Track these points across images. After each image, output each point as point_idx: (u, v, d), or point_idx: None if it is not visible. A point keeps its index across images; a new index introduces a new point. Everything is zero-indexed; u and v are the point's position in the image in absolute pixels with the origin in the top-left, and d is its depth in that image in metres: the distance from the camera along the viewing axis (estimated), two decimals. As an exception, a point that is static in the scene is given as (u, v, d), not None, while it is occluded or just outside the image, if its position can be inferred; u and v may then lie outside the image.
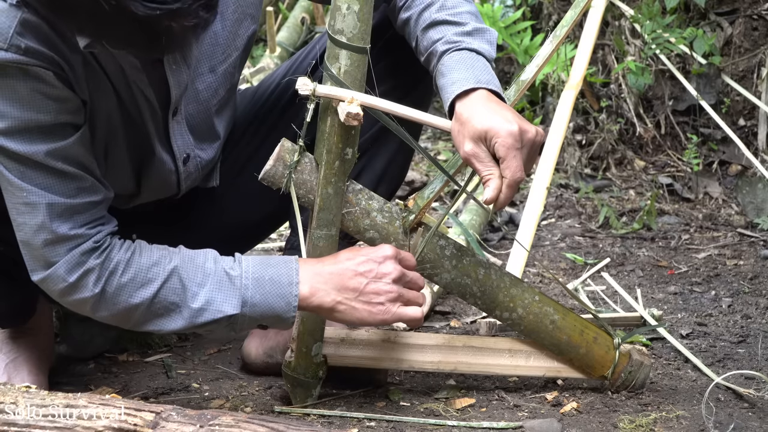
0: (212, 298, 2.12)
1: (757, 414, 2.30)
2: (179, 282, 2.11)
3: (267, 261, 2.17)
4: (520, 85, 2.20)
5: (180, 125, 2.27)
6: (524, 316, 2.30)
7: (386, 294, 2.16)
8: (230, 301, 2.12)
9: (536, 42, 4.26)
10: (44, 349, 2.50)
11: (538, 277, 3.27)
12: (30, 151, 2.01)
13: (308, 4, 4.84)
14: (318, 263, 2.17)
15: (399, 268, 2.17)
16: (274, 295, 2.14)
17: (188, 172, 2.35)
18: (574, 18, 2.19)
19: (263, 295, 2.13)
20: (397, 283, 2.17)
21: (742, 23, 3.98)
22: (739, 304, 3.04)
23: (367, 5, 2.10)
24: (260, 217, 2.57)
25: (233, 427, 1.85)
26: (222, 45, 2.26)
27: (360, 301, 2.16)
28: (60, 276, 2.08)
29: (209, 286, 2.12)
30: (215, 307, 2.12)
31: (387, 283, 2.16)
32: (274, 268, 2.15)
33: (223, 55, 2.27)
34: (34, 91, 1.98)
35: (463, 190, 2.21)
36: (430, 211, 2.29)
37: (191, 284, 2.12)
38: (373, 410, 2.31)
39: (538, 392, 2.40)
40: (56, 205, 2.05)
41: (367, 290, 2.15)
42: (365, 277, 2.16)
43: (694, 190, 3.89)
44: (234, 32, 2.28)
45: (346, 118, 2.08)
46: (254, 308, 2.13)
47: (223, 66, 2.28)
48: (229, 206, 2.52)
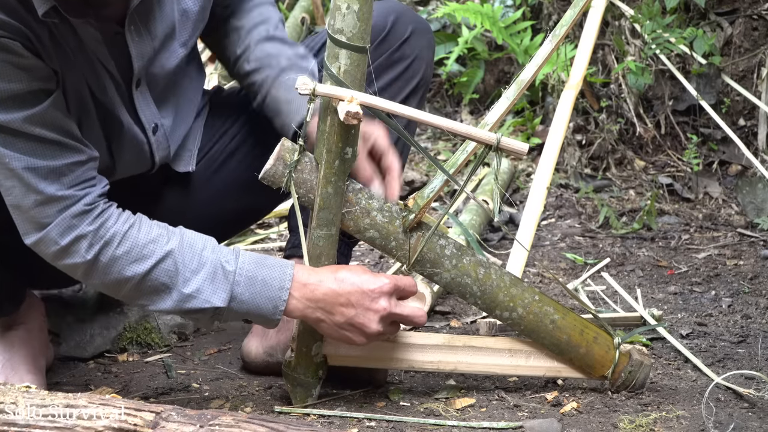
0: (203, 287, 2.14)
1: (757, 414, 2.30)
2: (173, 264, 2.14)
3: (264, 261, 2.18)
4: (520, 85, 2.20)
5: (144, 96, 2.30)
6: (524, 315, 2.30)
7: (369, 330, 2.19)
8: (220, 294, 2.15)
9: (536, 42, 4.25)
10: (39, 347, 2.49)
11: (538, 277, 3.27)
12: (6, 119, 2.04)
13: (308, 3, 4.83)
14: (314, 275, 2.18)
15: (390, 306, 2.19)
16: (262, 297, 2.16)
17: (158, 142, 2.37)
18: (574, 17, 2.19)
19: (252, 294, 2.16)
20: (384, 321, 2.20)
21: (742, 23, 3.98)
22: (739, 304, 3.04)
23: (367, 4, 2.10)
24: (236, 211, 2.59)
25: (233, 427, 1.85)
26: (192, 20, 2.31)
27: (343, 327, 2.19)
28: (52, 239, 2.11)
29: (202, 275, 2.14)
30: (204, 297, 2.15)
31: (374, 320, 2.18)
32: (268, 270, 2.17)
33: (193, 30, 2.32)
34: (4, 62, 2.02)
35: (463, 190, 2.21)
36: (430, 211, 2.29)
37: (185, 269, 2.14)
38: (373, 410, 2.31)
39: (538, 392, 2.40)
40: (40, 169, 2.08)
41: (353, 322, 2.18)
42: (355, 309, 2.18)
43: (694, 190, 3.89)
44: (204, 7, 2.33)
45: (346, 118, 2.08)
46: (241, 305, 2.16)
47: (192, 40, 2.34)
48: (205, 198, 2.55)
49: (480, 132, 2.17)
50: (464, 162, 2.21)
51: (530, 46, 4.25)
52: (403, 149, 2.48)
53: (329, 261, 2.24)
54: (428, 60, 2.48)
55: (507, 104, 2.20)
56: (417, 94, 2.46)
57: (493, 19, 4.22)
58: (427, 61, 2.48)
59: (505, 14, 4.34)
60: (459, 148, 2.23)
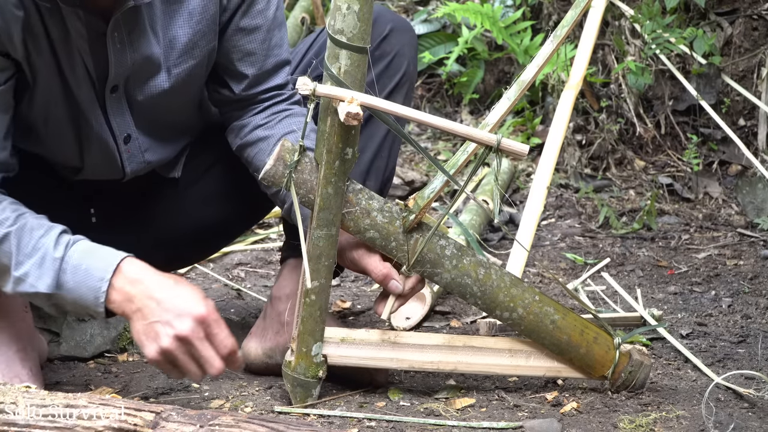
0: (30, 272, 2.16)
1: (757, 414, 2.30)
2: (10, 247, 2.16)
3: (94, 251, 2.19)
4: (521, 85, 2.20)
5: (120, 103, 2.32)
6: (524, 316, 2.30)
7: (160, 342, 2.13)
8: (45, 280, 2.16)
9: (536, 42, 4.26)
10: (28, 340, 2.47)
11: (538, 277, 3.27)
12: None
13: (308, 3, 4.84)
14: (142, 272, 2.17)
15: (192, 333, 2.13)
16: (84, 286, 2.16)
17: (131, 154, 2.39)
18: (575, 18, 2.19)
19: (76, 282, 2.16)
20: (180, 344, 2.13)
21: (742, 23, 3.98)
22: (739, 304, 3.04)
23: (367, 5, 2.10)
24: (227, 218, 2.61)
25: (233, 427, 1.85)
26: (178, 50, 2.32)
27: (140, 331, 2.15)
28: None
29: (33, 260, 2.16)
30: (30, 281, 2.17)
31: (167, 335, 2.13)
32: (94, 260, 2.17)
33: (178, 59, 2.33)
34: None
35: (463, 190, 2.21)
36: (430, 211, 2.29)
37: (19, 253, 2.17)
38: (373, 410, 2.31)
39: (538, 392, 2.40)
40: None
41: (151, 328, 2.14)
42: (158, 317, 2.14)
43: (694, 190, 3.89)
44: (194, 42, 2.33)
45: (346, 118, 2.08)
46: (68, 292, 2.16)
47: (177, 70, 2.33)
48: (194, 203, 2.57)
49: (480, 133, 2.17)
50: (464, 162, 2.21)
51: (530, 46, 4.25)
52: (393, 145, 2.50)
53: (329, 261, 2.24)
54: (410, 57, 2.50)
55: (508, 105, 2.20)
56: (401, 90, 2.48)
57: (493, 19, 4.23)
58: (409, 58, 2.49)
59: (505, 14, 4.35)
60: (459, 149, 2.23)
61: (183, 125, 2.51)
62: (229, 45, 2.38)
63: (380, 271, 2.28)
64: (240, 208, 2.61)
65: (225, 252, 3.47)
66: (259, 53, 2.39)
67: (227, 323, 2.31)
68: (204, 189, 2.57)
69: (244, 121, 2.45)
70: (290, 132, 2.39)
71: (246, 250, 3.52)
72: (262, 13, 2.37)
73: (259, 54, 2.39)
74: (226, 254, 3.47)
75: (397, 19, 2.52)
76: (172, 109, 2.41)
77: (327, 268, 2.25)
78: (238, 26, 2.36)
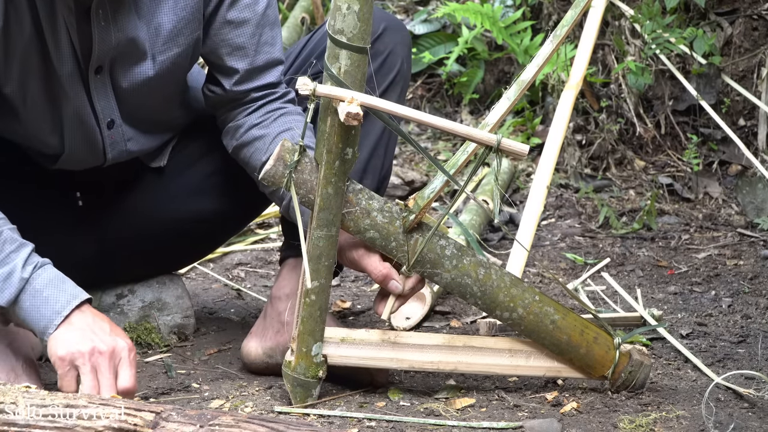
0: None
1: (757, 414, 2.30)
2: None
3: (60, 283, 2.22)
4: (521, 85, 2.20)
5: (104, 86, 2.34)
6: (524, 316, 2.30)
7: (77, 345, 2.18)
8: (5, 295, 2.19)
9: (536, 42, 4.26)
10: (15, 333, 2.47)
11: (538, 277, 3.27)
12: None
13: (308, 3, 4.84)
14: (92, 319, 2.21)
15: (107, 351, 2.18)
16: (38, 313, 2.20)
17: (114, 141, 2.41)
18: (575, 18, 2.19)
19: (33, 305, 2.20)
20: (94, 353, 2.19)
21: (742, 23, 3.98)
22: (739, 304, 3.04)
23: (367, 5, 2.10)
24: (218, 210, 2.61)
25: (233, 427, 1.85)
26: (163, 36, 2.33)
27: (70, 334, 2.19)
28: None
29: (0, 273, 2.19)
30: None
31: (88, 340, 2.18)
32: (57, 292, 2.21)
33: (163, 47, 2.34)
34: None
35: (463, 190, 2.21)
36: (430, 211, 2.29)
37: None
38: (373, 410, 2.31)
39: (538, 392, 2.40)
40: None
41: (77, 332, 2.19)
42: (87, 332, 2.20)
43: (694, 190, 3.89)
44: (178, 29, 2.34)
45: (346, 118, 2.08)
46: (22, 311, 2.20)
47: (162, 57, 2.35)
48: (177, 195, 2.58)
49: (480, 133, 2.17)
50: (464, 162, 2.21)
51: (530, 46, 4.25)
52: (389, 143, 2.50)
53: (329, 261, 2.24)
54: (404, 55, 2.51)
55: (508, 105, 2.20)
56: (395, 88, 2.49)
57: (493, 19, 4.23)
58: (402, 57, 2.50)
59: (505, 14, 4.35)
60: (459, 149, 2.23)
61: (166, 123, 2.53)
62: (218, 39, 2.39)
63: (380, 271, 2.29)
64: (233, 202, 2.61)
65: (225, 252, 3.47)
66: (248, 47, 2.40)
67: (227, 323, 2.32)
68: (192, 180, 2.58)
69: (239, 121, 2.45)
70: (286, 130, 2.40)
71: (246, 250, 3.52)
72: (249, 7, 2.38)
73: (249, 48, 2.40)
74: (226, 254, 3.47)
75: (390, 19, 2.54)
76: (155, 99, 2.42)
77: (327, 268, 2.25)
78: (225, 19, 2.37)
